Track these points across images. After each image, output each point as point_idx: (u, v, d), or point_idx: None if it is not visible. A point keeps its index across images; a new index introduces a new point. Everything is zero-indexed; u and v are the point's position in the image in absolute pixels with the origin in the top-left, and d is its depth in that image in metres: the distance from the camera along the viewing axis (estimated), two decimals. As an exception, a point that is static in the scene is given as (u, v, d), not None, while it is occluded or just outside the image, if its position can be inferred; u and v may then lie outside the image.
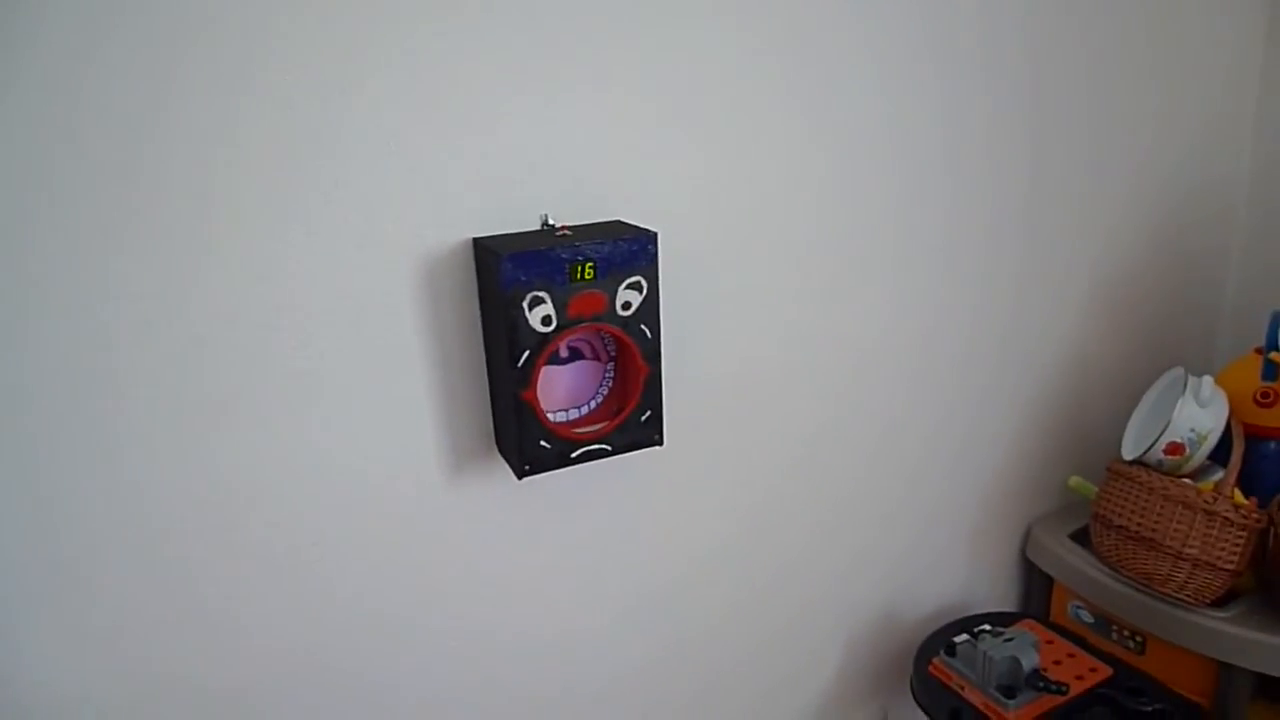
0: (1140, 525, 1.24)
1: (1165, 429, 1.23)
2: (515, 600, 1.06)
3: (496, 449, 0.98)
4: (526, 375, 0.87)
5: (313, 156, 0.81)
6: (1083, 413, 1.52)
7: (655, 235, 0.89)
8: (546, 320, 0.86)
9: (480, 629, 1.05)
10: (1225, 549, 1.17)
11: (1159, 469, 1.27)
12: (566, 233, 0.89)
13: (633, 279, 0.89)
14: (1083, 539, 1.41)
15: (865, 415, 1.27)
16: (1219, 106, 1.50)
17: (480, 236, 0.90)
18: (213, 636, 0.90)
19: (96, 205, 0.74)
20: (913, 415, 1.32)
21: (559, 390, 0.94)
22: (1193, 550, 1.18)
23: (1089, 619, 1.38)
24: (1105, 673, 1.22)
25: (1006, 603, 1.58)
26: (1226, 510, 1.17)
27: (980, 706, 1.17)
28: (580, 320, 0.87)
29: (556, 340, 0.87)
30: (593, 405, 0.96)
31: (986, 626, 1.27)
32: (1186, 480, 1.24)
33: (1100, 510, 1.31)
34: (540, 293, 0.84)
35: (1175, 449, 1.24)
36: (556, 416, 0.93)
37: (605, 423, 0.94)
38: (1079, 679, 1.20)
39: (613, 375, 0.97)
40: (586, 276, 0.86)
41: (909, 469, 1.35)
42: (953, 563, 1.47)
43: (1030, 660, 1.17)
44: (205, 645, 0.89)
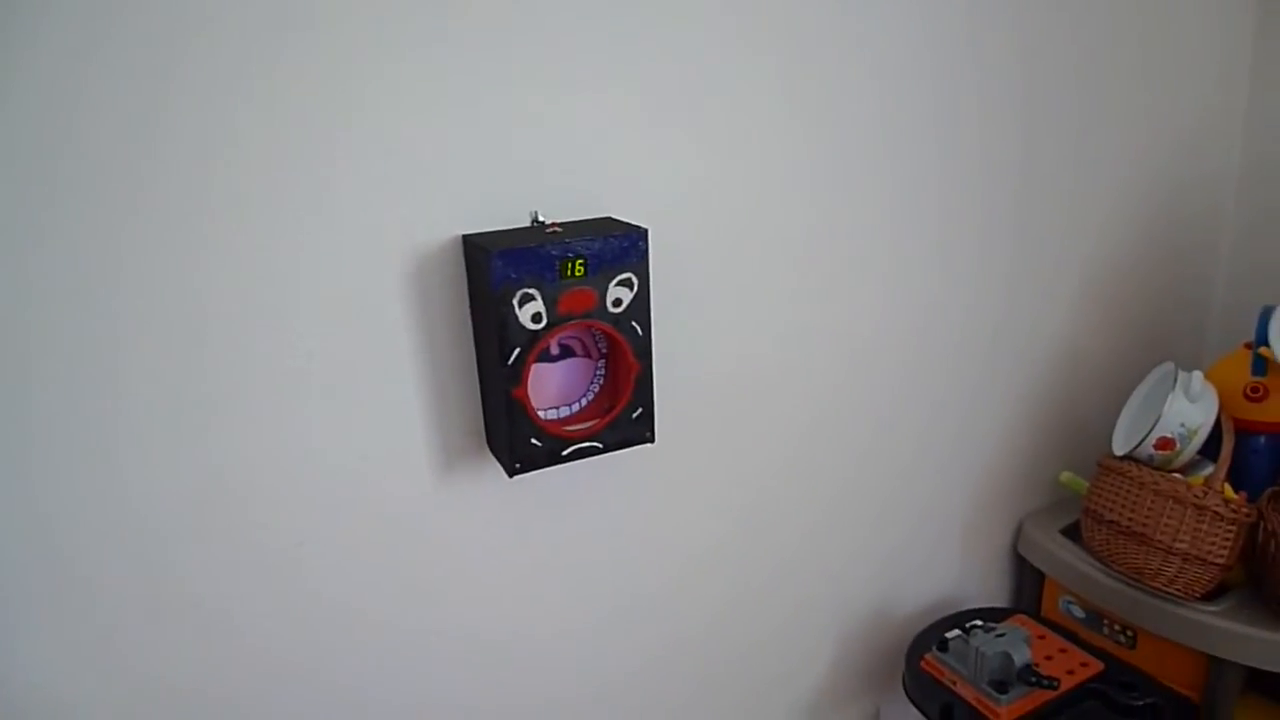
0: (1131, 520, 1.24)
1: (1155, 424, 1.23)
2: (506, 600, 1.06)
3: (487, 447, 0.98)
4: (517, 373, 0.86)
5: (303, 154, 0.81)
6: (1073, 408, 1.53)
7: (646, 232, 0.89)
8: (537, 317, 0.85)
9: (471, 629, 1.04)
10: (1215, 543, 1.17)
11: (1149, 464, 1.27)
12: (557, 230, 0.88)
13: (623, 276, 0.88)
14: (1074, 534, 1.41)
15: (858, 412, 1.27)
16: (1209, 103, 1.50)
17: (470, 233, 0.89)
18: (203, 638, 0.89)
19: (94, 205, 0.74)
20: (905, 412, 1.32)
21: (550, 388, 0.94)
22: (1183, 545, 1.19)
23: (1080, 614, 1.39)
24: (1096, 667, 1.22)
25: (998, 598, 1.58)
26: (1216, 505, 1.17)
27: (972, 702, 1.17)
28: (571, 317, 0.87)
29: (547, 338, 0.86)
30: (584, 403, 0.96)
31: (978, 622, 1.27)
32: (1177, 475, 1.25)
33: (1091, 505, 1.31)
34: (530, 290, 0.84)
35: (1165, 444, 1.24)
36: (547, 414, 0.93)
37: (596, 420, 0.93)
38: (1070, 674, 1.20)
39: (604, 373, 0.96)
40: (577, 273, 0.86)
41: (901, 466, 1.35)
42: (944, 559, 1.47)
43: (1022, 655, 1.17)
44: (196, 648, 0.89)
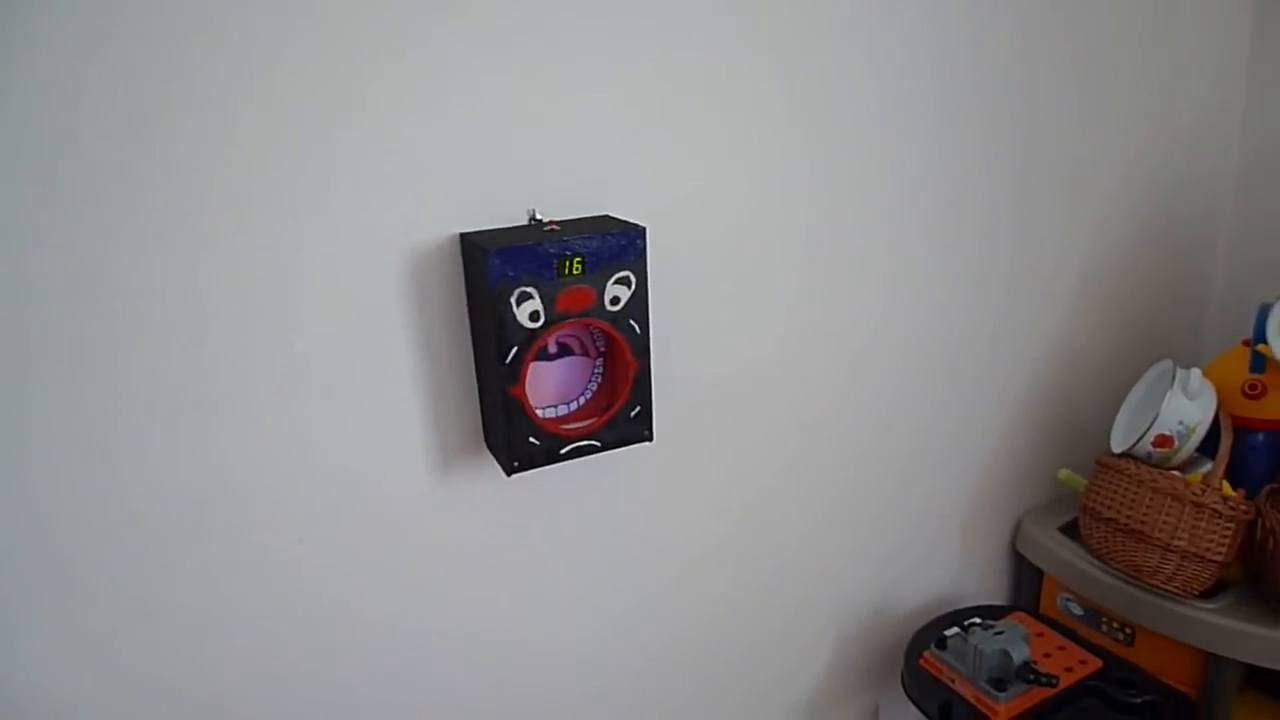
0: (1129, 517, 1.24)
1: (1154, 422, 1.23)
2: (504, 598, 1.06)
3: (485, 446, 0.97)
4: (515, 371, 0.86)
5: (301, 153, 0.80)
6: (1072, 406, 1.53)
7: (644, 230, 0.89)
8: (534, 316, 0.85)
9: (469, 628, 1.04)
10: (1213, 541, 1.18)
11: (1148, 461, 1.27)
12: (554, 228, 0.88)
13: (621, 274, 0.88)
14: (1072, 532, 1.41)
15: (857, 411, 1.27)
16: (1207, 102, 1.51)
17: (467, 232, 0.89)
18: (201, 638, 0.89)
19: (94, 204, 0.74)
20: (904, 411, 1.32)
21: (548, 386, 0.94)
22: (1181, 542, 1.19)
23: (1078, 611, 1.39)
24: (1095, 665, 1.22)
25: (996, 596, 1.58)
26: (1215, 502, 1.17)
27: (971, 699, 1.17)
28: (568, 316, 0.87)
29: (545, 336, 0.86)
30: (581, 401, 0.96)
31: (977, 620, 1.27)
32: (1175, 472, 1.25)
33: (1089, 503, 1.31)
34: (528, 288, 0.84)
35: (1164, 441, 1.24)
36: (545, 413, 0.93)
37: (594, 419, 0.93)
38: (1069, 671, 1.20)
39: (601, 371, 0.96)
40: (575, 272, 0.85)
41: (900, 465, 1.35)
42: (943, 557, 1.47)
43: (1020, 653, 1.17)
44: (195, 647, 0.89)
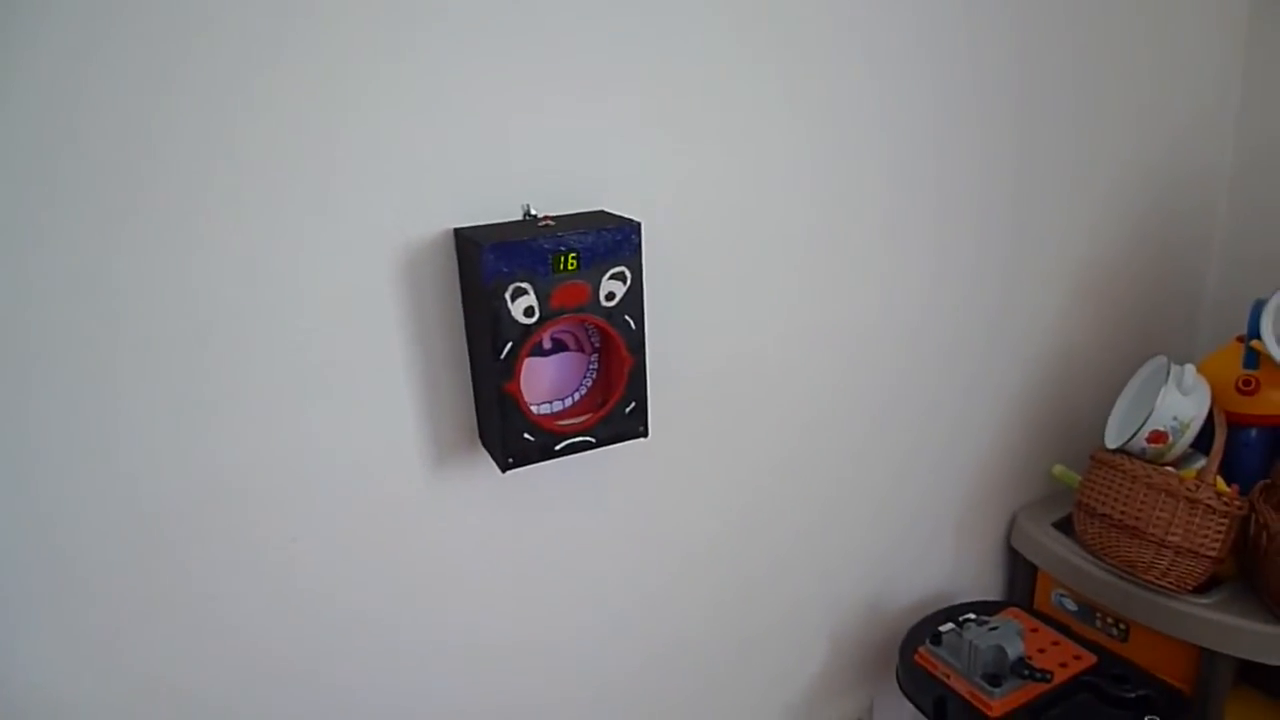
0: (1123, 513, 1.25)
1: (1148, 417, 1.24)
2: (498, 595, 1.05)
3: (480, 442, 0.97)
4: (509, 367, 0.86)
5: (297, 150, 0.80)
6: (1066, 403, 1.53)
7: (639, 225, 0.88)
8: (529, 311, 0.85)
9: (463, 625, 1.04)
10: (1207, 536, 1.18)
11: (1142, 457, 1.27)
12: (549, 223, 0.88)
13: (616, 269, 0.88)
14: (1066, 528, 1.42)
15: (853, 409, 1.27)
16: (1203, 101, 1.51)
17: (461, 227, 0.88)
18: (200, 637, 0.88)
19: (94, 204, 0.73)
20: (900, 408, 1.32)
21: (542, 382, 0.93)
22: (1175, 538, 1.19)
23: (1072, 607, 1.39)
24: (1089, 660, 1.23)
25: (991, 591, 1.59)
26: (1209, 498, 1.17)
27: (965, 695, 1.18)
28: (563, 311, 0.86)
29: (539, 332, 0.86)
30: (576, 397, 0.96)
31: (971, 615, 1.27)
32: (1169, 468, 1.25)
33: (1084, 499, 1.32)
34: (523, 284, 0.83)
35: (1158, 437, 1.25)
36: (540, 409, 0.92)
37: (589, 415, 0.93)
38: (1063, 666, 1.21)
39: (596, 367, 0.96)
40: (569, 267, 0.85)
41: (896, 462, 1.35)
42: (938, 553, 1.48)
43: (1015, 648, 1.17)
44: (194, 646, 0.88)
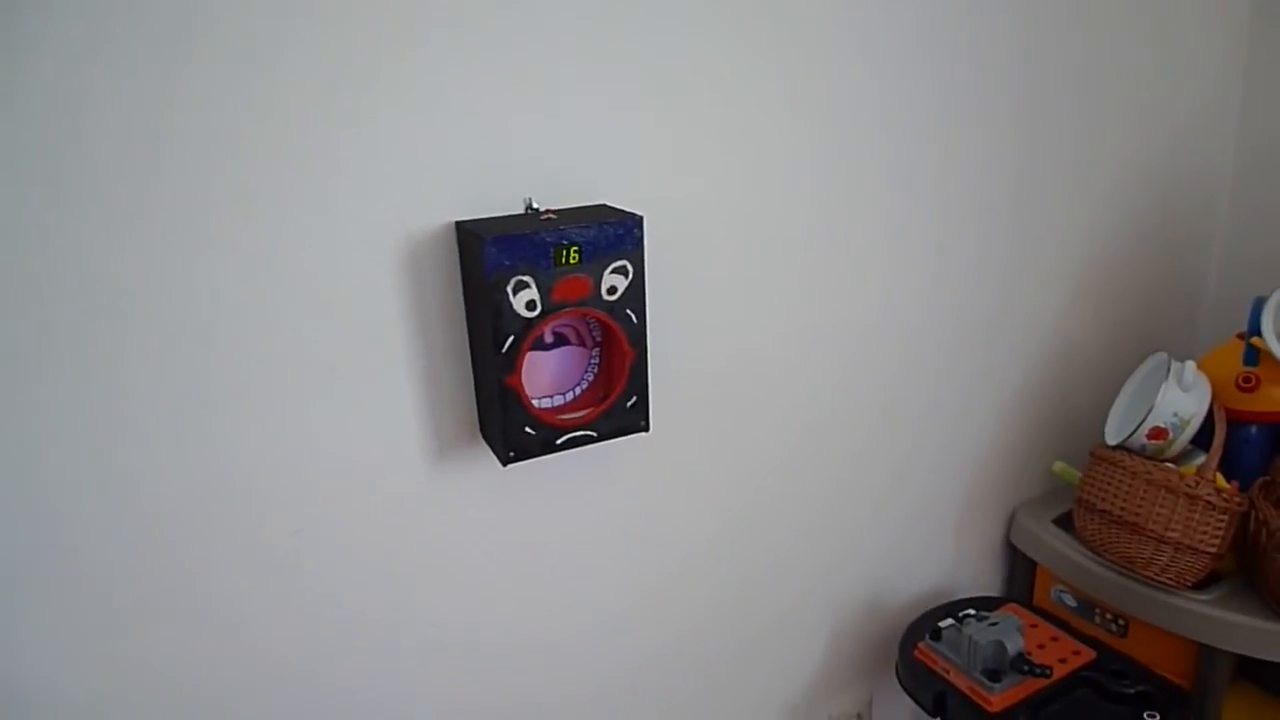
0: (1123, 510, 1.25)
1: (1149, 414, 1.24)
2: (499, 589, 1.05)
3: (481, 436, 0.97)
4: (511, 361, 0.86)
5: (299, 144, 0.80)
6: (1067, 400, 1.53)
7: (641, 219, 0.88)
8: (531, 305, 0.85)
9: (464, 619, 1.04)
10: (1207, 532, 1.18)
11: (1142, 454, 1.27)
12: (551, 216, 0.88)
13: (618, 263, 0.88)
14: (1066, 524, 1.42)
15: (855, 406, 1.27)
16: (1204, 100, 1.51)
17: (463, 220, 0.88)
18: (205, 634, 0.89)
19: (98, 204, 0.74)
20: (901, 407, 1.32)
21: (544, 376, 0.93)
22: (1175, 534, 1.19)
23: (1072, 603, 1.39)
24: (1088, 656, 1.23)
25: (990, 588, 1.59)
26: (1208, 494, 1.18)
27: (965, 690, 1.18)
28: (565, 305, 0.86)
29: (541, 325, 0.86)
30: (578, 391, 0.96)
31: (971, 611, 1.27)
32: (1169, 465, 1.25)
33: (1084, 495, 1.32)
34: (525, 277, 0.83)
35: (1158, 434, 1.25)
36: (541, 403, 0.93)
37: (591, 409, 0.93)
38: (1062, 662, 1.21)
39: (598, 361, 0.96)
40: (571, 261, 0.85)
41: (898, 459, 1.35)
42: (938, 549, 1.48)
43: (1015, 644, 1.17)
44: (196, 644, 0.89)
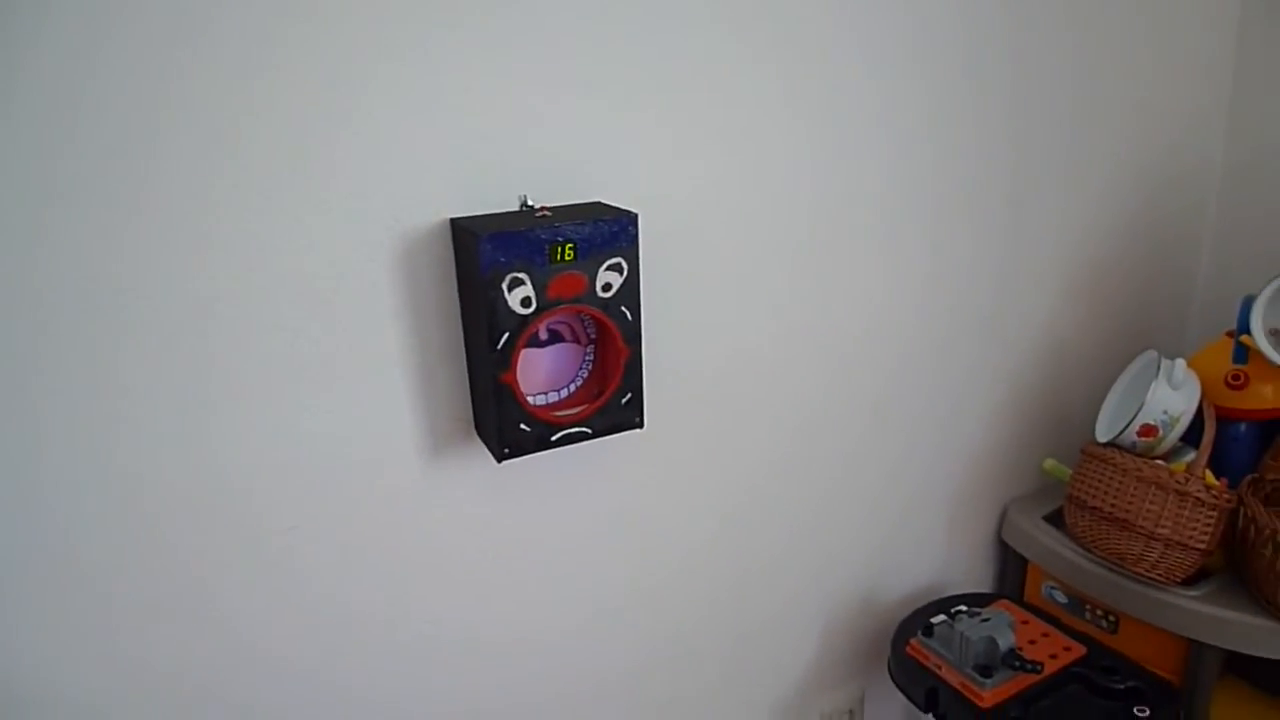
0: (1114, 506, 1.26)
1: (1139, 411, 1.25)
2: (493, 586, 1.05)
3: (475, 433, 0.97)
4: (506, 357, 0.86)
5: (293, 140, 0.80)
6: (1058, 397, 1.54)
7: (636, 217, 0.88)
8: (526, 302, 0.85)
9: (459, 616, 1.04)
10: (1196, 529, 1.19)
11: (1132, 451, 1.28)
12: (546, 213, 0.88)
13: (613, 260, 0.88)
14: (1057, 521, 1.43)
15: (848, 404, 1.27)
16: (1195, 101, 1.52)
17: (458, 217, 0.88)
18: (202, 631, 0.89)
19: (96, 203, 0.73)
20: (894, 405, 1.32)
21: (539, 373, 0.93)
22: (1165, 530, 1.20)
23: (1063, 599, 1.40)
24: (1079, 651, 1.24)
25: (982, 584, 1.59)
26: (1198, 491, 1.19)
27: (957, 686, 1.18)
28: (560, 302, 0.86)
29: (536, 322, 0.86)
30: (573, 388, 0.96)
31: (963, 607, 1.28)
32: (1159, 462, 1.26)
33: (1074, 492, 1.33)
34: (520, 274, 0.83)
35: (1148, 431, 1.26)
36: (536, 399, 0.93)
37: (585, 406, 0.93)
38: (1053, 658, 1.22)
39: (593, 358, 0.96)
40: (566, 258, 0.85)
41: (891, 457, 1.36)
42: (930, 546, 1.48)
43: (1006, 640, 1.18)
44: (196, 642, 0.89)
